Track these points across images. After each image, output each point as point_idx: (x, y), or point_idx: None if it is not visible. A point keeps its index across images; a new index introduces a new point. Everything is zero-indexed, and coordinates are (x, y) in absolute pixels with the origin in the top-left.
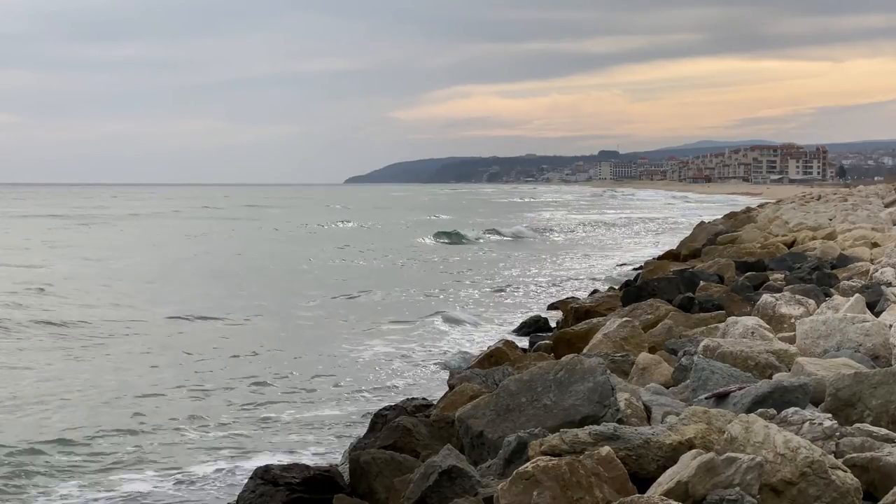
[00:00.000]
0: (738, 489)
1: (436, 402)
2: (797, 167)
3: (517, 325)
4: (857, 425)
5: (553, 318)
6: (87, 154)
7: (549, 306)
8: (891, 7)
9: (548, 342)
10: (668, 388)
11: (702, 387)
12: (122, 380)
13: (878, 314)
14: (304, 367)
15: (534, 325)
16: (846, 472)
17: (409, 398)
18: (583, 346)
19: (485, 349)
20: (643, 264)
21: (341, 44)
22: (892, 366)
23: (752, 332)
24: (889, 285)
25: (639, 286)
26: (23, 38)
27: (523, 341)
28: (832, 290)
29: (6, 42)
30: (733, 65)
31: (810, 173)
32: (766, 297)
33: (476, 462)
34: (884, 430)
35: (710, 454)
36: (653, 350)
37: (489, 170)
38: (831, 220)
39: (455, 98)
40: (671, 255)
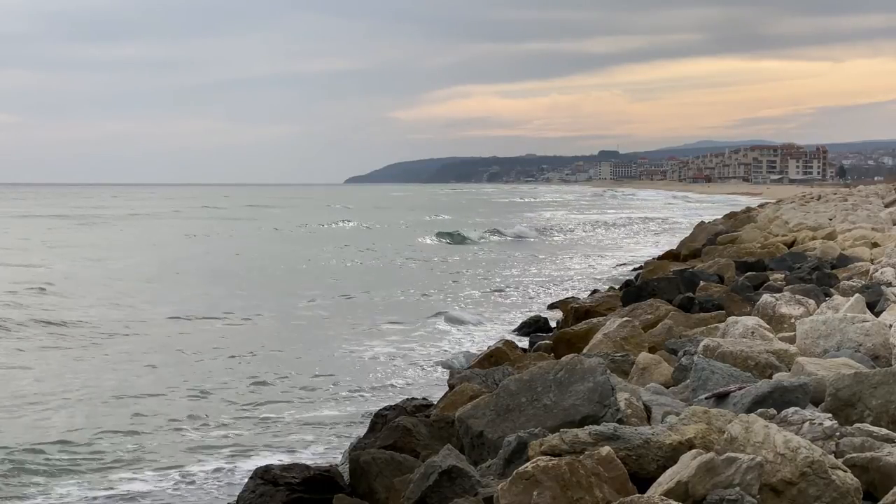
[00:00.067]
0: (738, 489)
1: (436, 402)
2: (797, 167)
3: (517, 325)
4: (857, 425)
5: (553, 318)
6: (87, 154)
7: (549, 306)
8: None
9: (548, 342)
10: (668, 388)
11: (702, 387)
12: (121, 379)
13: (878, 314)
14: (304, 367)
15: (534, 325)
16: (846, 472)
17: (409, 398)
18: (583, 346)
19: (485, 349)
20: (643, 264)
21: (341, 44)
22: (892, 366)
23: (752, 332)
24: (889, 285)
25: (639, 286)
26: (23, 38)
27: (523, 341)
28: (832, 290)
29: (6, 42)
30: (733, 65)
31: (810, 173)
32: (766, 297)
33: (476, 462)
34: (884, 430)
35: (710, 454)
36: (653, 350)
37: (489, 170)
38: (831, 220)
39: (455, 98)
40: (671, 255)
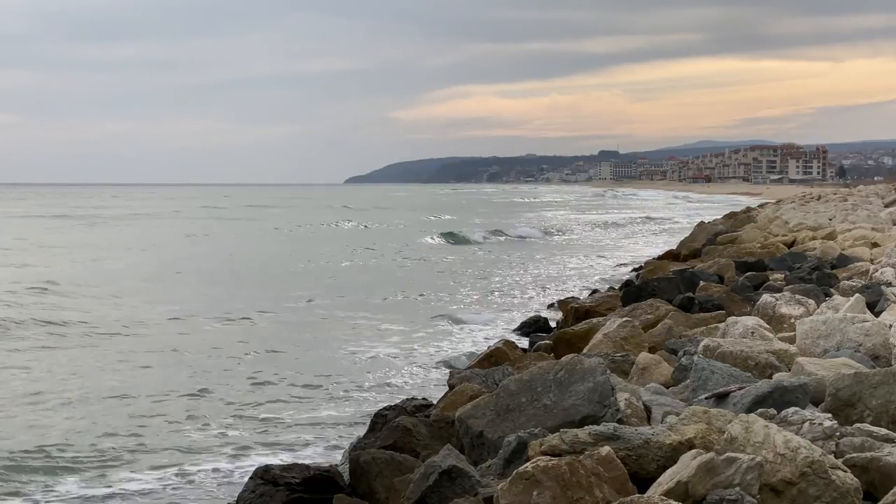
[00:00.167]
0: (738, 489)
1: (436, 402)
2: (797, 167)
3: (517, 325)
4: (857, 425)
5: (553, 318)
6: (87, 154)
7: (549, 306)
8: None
9: (548, 342)
10: (668, 388)
11: (702, 387)
12: (121, 379)
13: (878, 314)
14: (304, 367)
15: (534, 325)
16: (846, 472)
17: (409, 398)
18: (583, 346)
19: (485, 349)
20: (643, 264)
21: (341, 44)
22: (892, 366)
23: (752, 332)
24: (889, 285)
25: (639, 286)
26: (23, 38)
27: (523, 341)
28: (832, 290)
29: (6, 42)
30: (733, 65)
31: (810, 173)
32: (766, 297)
33: (476, 462)
34: (884, 430)
35: (710, 454)
36: (653, 350)
37: (489, 170)
38: (831, 220)
39: (455, 98)
40: (671, 255)
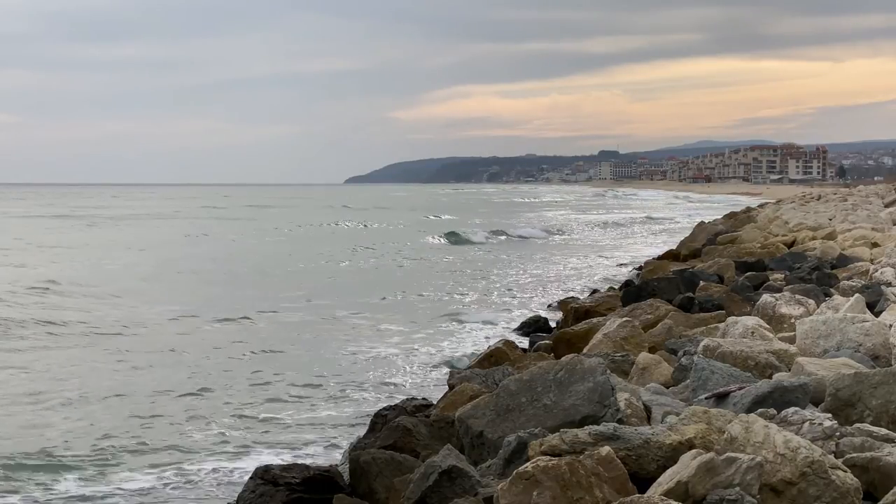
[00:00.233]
0: (738, 489)
1: (436, 402)
2: (797, 167)
3: (517, 325)
4: (857, 425)
5: (553, 318)
6: (87, 154)
7: (548, 306)
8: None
9: (548, 342)
10: (668, 388)
11: (702, 387)
12: (121, 379)
13: (878, 314)
14: (304, 367)
15: (534, 325)
16: (846, 472)
17: (409, 398)
18: (583, 346)
19: (485, 349)
20: (643, 264)
21: (341, 44)
22: (892, 366)
23: (752, 332)
24: (889, 285)
25: (639, 286)
26: (23, 38)
27: (523, 341)
28: (832, 290)
29: (6, 42)
30: (733, 65)
31: (810, 173)
32: (766, 297)
33: (476, 462)
34: (884, 430)
35: (710, 454)
36: (653, 350)
37: (489, 170)
38: (831, 220)
39: (455, 98)
40: (671, 255)
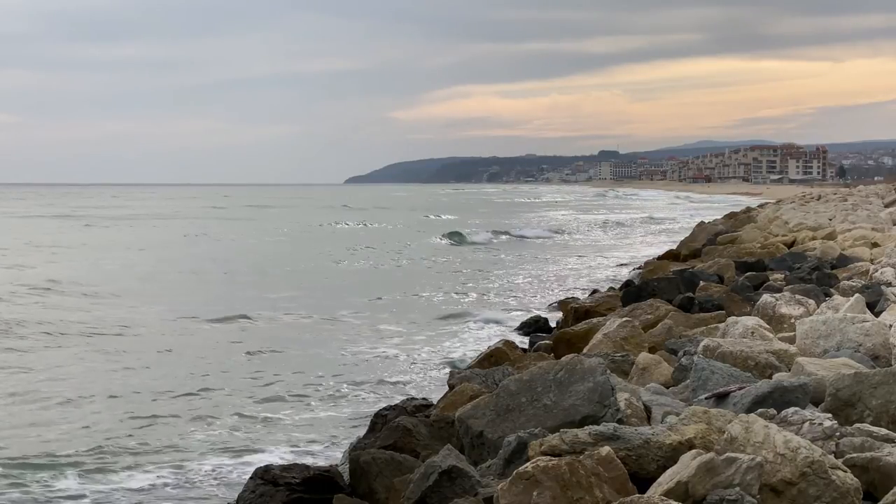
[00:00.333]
0: (738, 489)
1: (436, 402)
2: (797, 167)
3: (517, 325)
4: (857, 425)
5: (553, 318)
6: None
7: (549, 306)
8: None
9: (548, 342)
10: (668, 388)
11: (702, 387)
12: (121, 379)
13: (878, 314)
14: (304, 367)
15: (534, 325)
16: (846, 472)
17: (409, 398)
18: (583, 346)
19: (485, 349)
20: (643, 264)
21: (341, 44)
22: (892, 366)
23: (752, 332)
24: (889, 285)
25: (639, 286)
26: (23, 38)
27: (523, 341)
28: (832, 290)
29: (6, 42)
30: (733, 65)
31: (810, 173)
32: (766, 297)
33: (476, 462)
34: (884, 430)
35: (710, 454)
36: (653, 350)
37: (489, 170)
38: (831, 220)
39: (455, 98)
40: (671, 255)
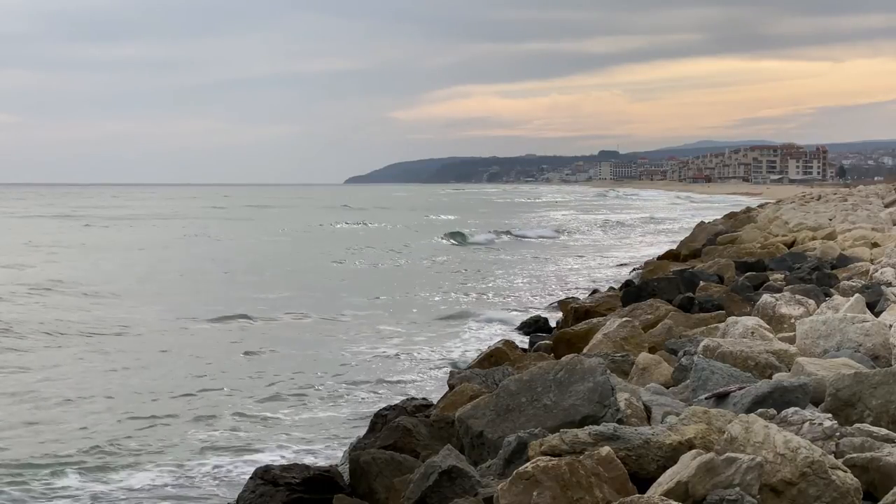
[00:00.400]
0: (738, 489)
1: (436, 402)
2: (797, 167)
3: (517, 325)
4: (857, 425)
5: (553, 318)
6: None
7: (548, 306)
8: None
9: (548, 342)
10: (668, 388)
11: (702, 387)
12: (121, 378)
13: (878, 314)
14: (305, 367)
15: (534, 325)
16: (846, 472)
17: (409, 398)
18: (583, 346)
19: (485, 349)
20: (643, 264)
21: (341, 44)
22: (892, 366)
23: (752, 333)
24: (889, 285)
25: (639, 286)
26: (23, 38)
27: (523, 341)
28: (832, 290)
29: (6, 42)
30: (733, 65)
31: (810, 173)
32: (766, 298)
33: (476, 462)
34: (884, 430)
35: (710, 454)
36: (653, 350)
37: (489, 170)
38: (831, 220)
39: (455, 98)
40: (671, 255)
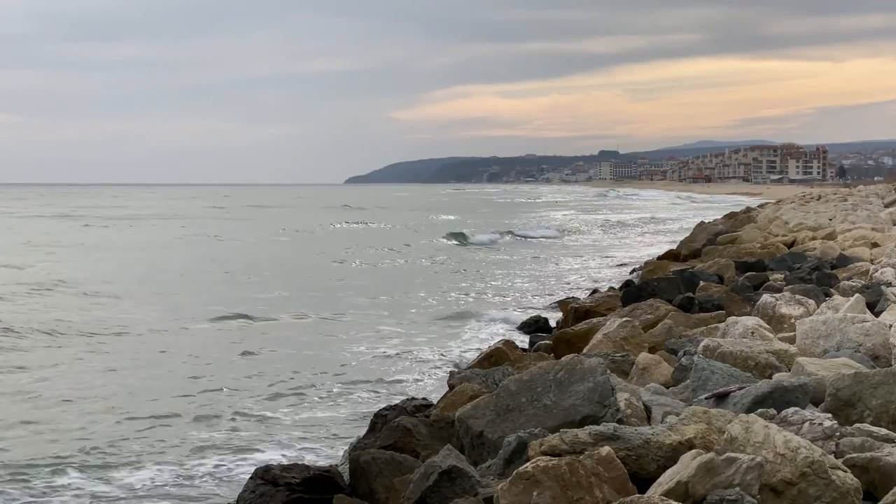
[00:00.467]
0: (738, 489)
1: (436, 402)
2: (797, 167)
3: (517, 324)
4: (857, 425)
5: (553, 318)
6: (87, 154)
7: (548, 306)
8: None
9: (548, 342)
10: (668, 388)
11: (702, 387)
12: (121, 378)
13: (878, 314)
14: (304, 367)
15: (534, 325)
16: (846, 472)
17: (409, 398)
18: (583, 346)
19: (485, 349)
20: (643, 264)
21: (341, 44)
22: (892, 366)
23: (752, 333)
24: (889, 285)
25: (639, 286)
26: (23, 38)
27: (523, 341)
28: (832, 290)
29: (6, 42)
30: (733, 65)
31: (810, 173)
32: (766, 297)
33: (476, 462)
34: (884, 430)
35: (710, 454)
36: (653, 350)
37: (489, 170)
38: (831, 220)
39: (455, 98)
40: (671, 255)
